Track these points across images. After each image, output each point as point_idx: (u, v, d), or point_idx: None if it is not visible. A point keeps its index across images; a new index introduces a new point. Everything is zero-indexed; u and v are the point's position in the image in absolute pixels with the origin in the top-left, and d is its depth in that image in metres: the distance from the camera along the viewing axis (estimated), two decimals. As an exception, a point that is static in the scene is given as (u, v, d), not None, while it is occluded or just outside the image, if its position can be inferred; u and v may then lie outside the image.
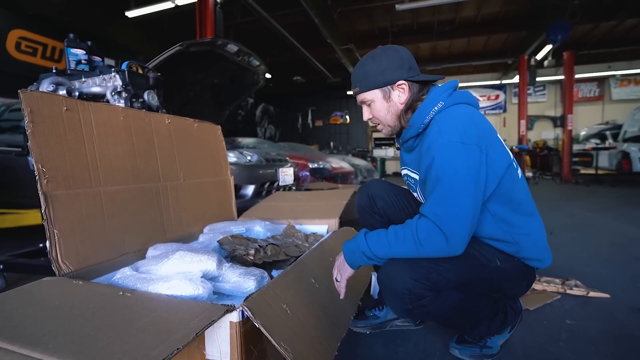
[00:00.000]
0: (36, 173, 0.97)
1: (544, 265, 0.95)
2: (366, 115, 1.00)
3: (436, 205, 0.80)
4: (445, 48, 10.16)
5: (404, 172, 1.08)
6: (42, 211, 0.97)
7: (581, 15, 6.59)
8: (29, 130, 0.97)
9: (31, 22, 5.78)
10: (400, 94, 0.93)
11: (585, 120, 11.73)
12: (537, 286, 1.54)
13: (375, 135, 13.92)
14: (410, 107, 0.94)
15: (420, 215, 0.83)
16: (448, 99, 0.90)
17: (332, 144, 13.26)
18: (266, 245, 1.35)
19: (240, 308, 0.76)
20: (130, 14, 6.19)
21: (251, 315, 0.74)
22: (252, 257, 1.24)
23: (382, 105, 0.95)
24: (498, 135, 0.92)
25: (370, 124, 1.02)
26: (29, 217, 2.60)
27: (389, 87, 0.93)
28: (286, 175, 3.08)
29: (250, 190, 2.71)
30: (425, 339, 1.16)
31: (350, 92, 12.76)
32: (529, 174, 9.06)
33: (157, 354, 0.58)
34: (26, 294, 0.84)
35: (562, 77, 9.57)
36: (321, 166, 5.09)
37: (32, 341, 0.63)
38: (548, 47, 8.23)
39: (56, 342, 0.63)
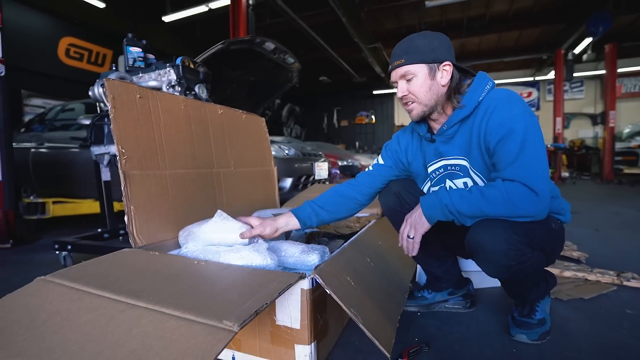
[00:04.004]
0: (116, 153, 1.06)
1: (569, 217, 1.02)
2: (402, 90, 0.97)
3: (524, 169, 0.84)
4: (475, 44, 9.89)
5: (439, 164, 1.04)
6: (122, 188, 1.06)
7: (626, 5, 6.24)
8: (112, 115, 1.06)
9: (78, 29, 6.19)
10: (444, 75, 0.95)
11: (629, 117, 11.01)
12: (590, 277, 1.49)
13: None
14: (455, 91, 0.97)
15: (502, 179, 0.86)
16: (490, 82, 0.97)
17: (357, 143, 13.23)
18: None
19: (312, 276, 0.80)
20: (167, 18, 6.48)
21: (323, 282, 0.78)
22: None
23: (425, 82, 0.95)
24: None
25: (399, 104, 1.04)
26: (84, 207, 2.82)
27: (435, 65, 0.94)
28: (321, 169, 3.13)
29: (288, 183, 2.78)
30: (478, 322, 1.16)
31: (376, 92, 12.83)
32: (566, 174, 8.62)
33: (249, 307, 0.64)
34: (113, 260, 0.92)
35: (603, 71, 9.06)
36: (350, 164, 5.11)
37: (134, 294, 0.70)
38: (588, 40, 7.83)
39: (154, 296, 0.69)
